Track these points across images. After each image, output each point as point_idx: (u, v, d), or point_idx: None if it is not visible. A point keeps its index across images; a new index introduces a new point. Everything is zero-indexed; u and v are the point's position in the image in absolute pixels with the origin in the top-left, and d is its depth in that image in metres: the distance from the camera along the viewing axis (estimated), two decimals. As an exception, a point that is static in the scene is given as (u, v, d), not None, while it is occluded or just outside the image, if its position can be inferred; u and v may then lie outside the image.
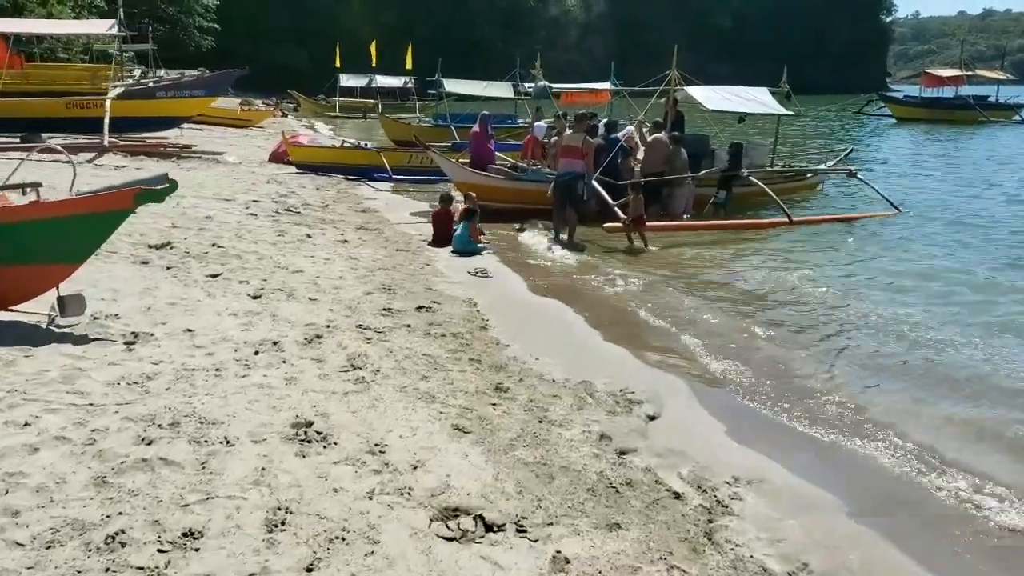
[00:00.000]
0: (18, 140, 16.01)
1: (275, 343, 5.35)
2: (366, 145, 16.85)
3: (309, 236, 9.46)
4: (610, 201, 10.72)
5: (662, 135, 12.70)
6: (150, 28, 25.01)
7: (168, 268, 7.20)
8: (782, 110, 14.06)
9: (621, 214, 10.30)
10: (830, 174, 15.03)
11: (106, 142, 14.78)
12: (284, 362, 5.00)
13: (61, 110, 16.41)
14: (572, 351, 5.90)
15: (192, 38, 62.45)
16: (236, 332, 5.52)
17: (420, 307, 6.66)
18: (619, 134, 12.49)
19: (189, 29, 62.04)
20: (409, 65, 42.49)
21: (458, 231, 9.47)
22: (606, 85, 21.87)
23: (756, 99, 13.77)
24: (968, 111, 41.34)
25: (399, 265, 8.39)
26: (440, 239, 9.86)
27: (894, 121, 43.27)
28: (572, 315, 7.02)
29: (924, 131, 36.67)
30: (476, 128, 13.43)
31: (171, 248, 7.98)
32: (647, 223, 10.30)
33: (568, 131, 10.45)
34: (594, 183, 11.06)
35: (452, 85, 28.69)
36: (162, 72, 24.59)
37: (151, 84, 17.30)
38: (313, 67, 64.81)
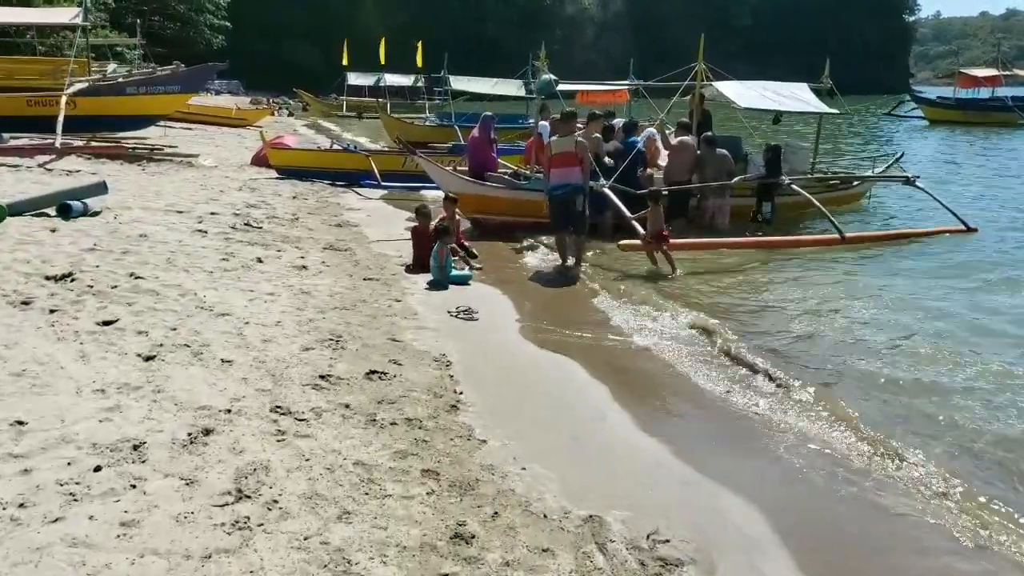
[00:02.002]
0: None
1: (137, 447, 3.63)
2: (355, 148, 15.16)
3: (260, 260, 7.75)
4: (627, 214, 8.94)
5: (689, 137, 10.91)
6: (138, 22, 23.45)
7: (52, 311, 5.50)
8: (825, 108, 12.23)
9: (640, 229, 8.51)
10: (882, 182, 13.12)
11: (58, 143, 13.15)
12: (134, 487, 3.29)
13: (22, 108, 14.85)
14: (580, 449, 4.13)
15: (202, 36, 61.53)
16: (88, 426, 3.81)
17: (372, 372, 4.91)
18: (639, 137, 10.69)
19: (200, 27, 61.16)
20: (419, 63, 40.78)
21: (433, 259, 7.71)
22: (624, 84, 20.13)
23: (795, 96, 11.94)
24: (1006, 113, 39.08)
25: (361, 302, 6.65)
26: (421, 262, 8.13)
27: (926, 123, 41.09)
28: (582, 380, 5.23)
29: (959, 134, 34.55)
30: (476, 132, 11.64)
31: (72, 280, 6.29)
32: (672, 240, 8.50)
33: (558, 137, 8.65)
34: (608, 192, 9.28)
35: (459, 82, 26.90)
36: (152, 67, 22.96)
37: (120, 79, 15.74)
38: (326, 66, 63.57)
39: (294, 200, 12.21)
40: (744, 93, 11.35)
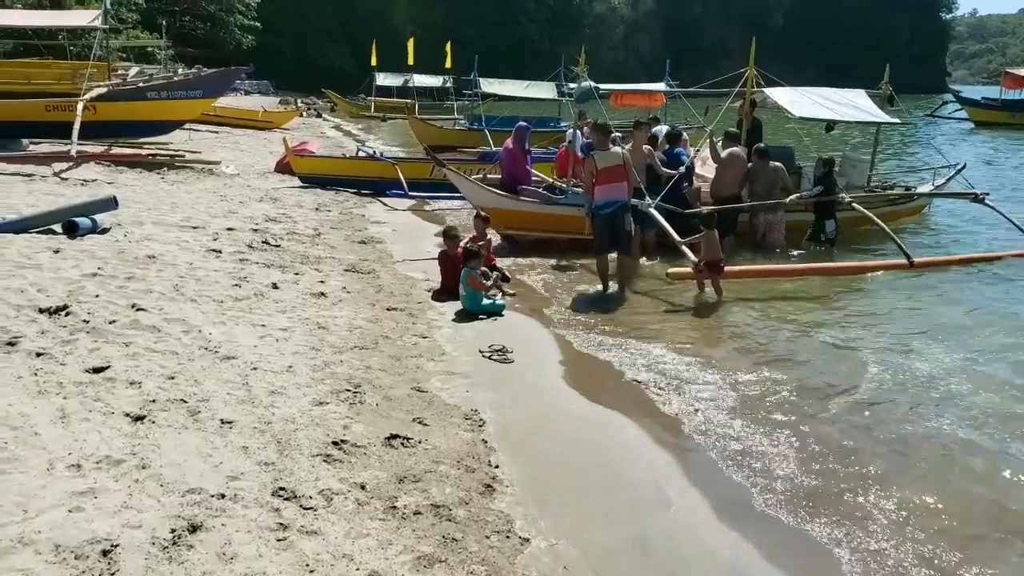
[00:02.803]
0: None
1: (107, 552, 2.98)
2: (381, 155, 14.55)
3: (275, 286, 7.11)
4: (676, 237, 8.17)
5: (738, 148, 10.11)
6: (163, 24, 23.08)
7: (38, 355, 4.89)
8: (885, 117, 11.35)
9: (692, 256, 7.75)
10: (943, 197, 12.18)
11: (74, 151, 12.67)
12: (93, 617, 2.63)
13: (40, 113, 14.43)
14: (643, 554, 3.40)
15: (232, 36, 61.70)
16: (54, 518, 3.17)
17: (393, 437, 4.23)
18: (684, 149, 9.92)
19: (230, 27, 61.33)
20: (449, 64, 40.19)
21: (462, 286, 7.02)
22: (660, 86, 19.33)
23: (852, 103, 11.07)
24: (1058, 115, 37.52)
25: (384, 339, 5.97)
26: (449, 289, 7.45)
27: (971, 126, 39.60)
28: (639, 446, 4.50)
29: (1007, 137, 33.12)
30: (509, 142, 10.92)
31: (66, 314, 5.68)
32: (727, 267, 7.72)
33: (608, 149, 7.77)
34: (654, 211, 8.52)
35: (489, 85, 26.32)
36: (181, 70, 22.56)
37: (141, 84, 15.28)
38: (355, 66, 63.48)
39: (316, 212, 11.61)
40: (799, 100, 10.52)
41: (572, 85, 25.19)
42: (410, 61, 41.13)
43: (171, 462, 3.71)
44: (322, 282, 7.51)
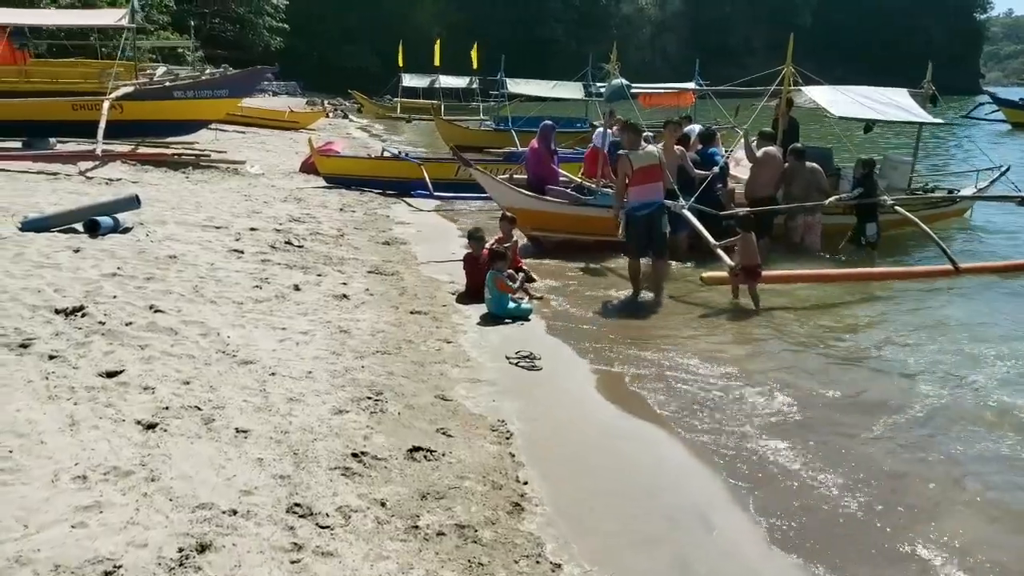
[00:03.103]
0: (20, 146, 14.20)
1: (107, 573, 2.78)
2: (406, 155, 14.38)
3: (297, 288, 6.93)
4: (711, 240, 7.87)
5: (774, 148, 9.78)
6: (192, 24, 23.19)
7: (51, 357, 4.74)
8: (928, 117, 10.92)
9: (728, 260, 7.44)
10: (988, 200, 11.72)
11: (99, 150, 12.62)
12: (90, 648, 2.43)
13: (67, 112, 14.43)
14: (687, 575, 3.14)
15: (261, 38, 62.24)
16: (56, 535, 2.99)
17: (416, 449, 4.00)
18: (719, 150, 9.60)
19: (259, 29, 61.88)
20: (475, 65, 40.07)
21: (488, 289, 6.78)
22: (690, 86, 19.01)
23: (894, 103, 10.66)
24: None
25: (407, 343, 5.76)
26: (474, 291, 7.22)
27: (1007, 127, 38.62)
28: (676, 459, 4.25)
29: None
30: (535, 142, 10.67)
31: (82, 316, 5.54)
32: (762, 271, 7.40)
33: (641, 149, 7.44)
34: (688, 214, 8.23)
35: (516, 85, 26.10)
36: (209, 70, 22.55)
37: (167, 83, 15.26)
38: (382, 67, 63.71)
39: (341, 213, 11.45)
40: (838, 100, 10.15)
41: (601, 85, 24.89)
42: (436, 62, 41.10)
43: (182, 474, 3.51)
44: (345, 284, 7.32)
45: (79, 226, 8.25)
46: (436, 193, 12.94)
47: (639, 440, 4.46)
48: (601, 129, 9.85)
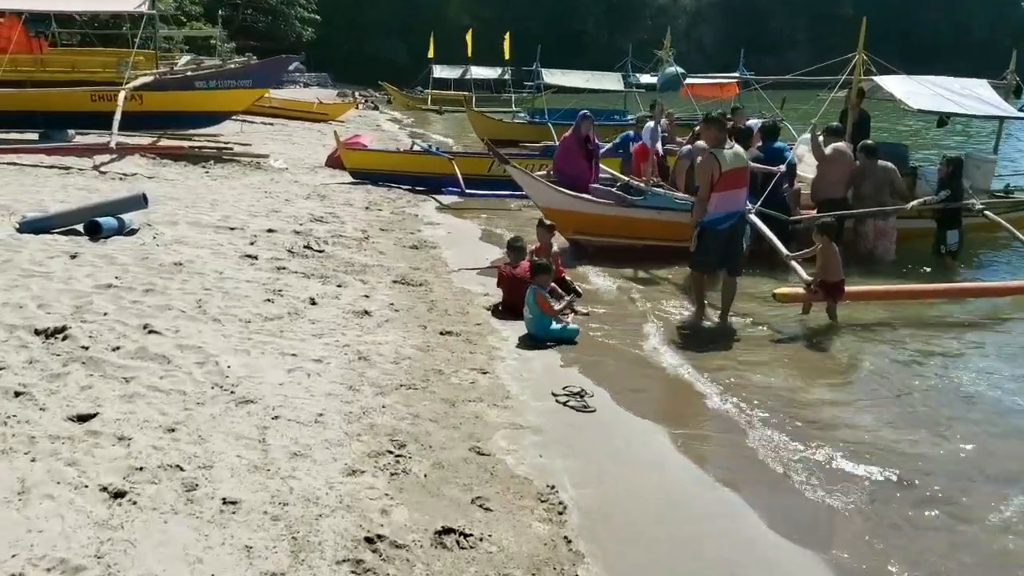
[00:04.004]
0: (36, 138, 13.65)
1: None
2: (436, 150, 13.56)
3: (313, 302, 6.14)
4: (784, 251, 6.92)
5: (844, 144, 8.78)
6: (220, 13, 22.56)
7: (17, 394, 4.00)
8: (1012, 111, 9.84)
9: (804, 274, 6.49)
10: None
11: (113, 143, 11.98)
12: None
13: (85, 103, 13.82)
14: None
15: (293, 29, 62.09)
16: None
17: (446, 531, 3.17)
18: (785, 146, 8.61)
19: (290, 20, 61.78)
20: (507, 55, 39.20)
21: (528, 308, 5.90)
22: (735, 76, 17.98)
23: (975, 95, 9.62)
24: None
25: (436, 374, 4.93)
26: (512, 307, 6.38)
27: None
28: (770, 544, 3.36)
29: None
30: (570, 133, 9.78)
31: (64, 338, 4.80)
32: (845, 288, 6.44)
33: (728, 148, 6.30)
34: (755, 219, 7.30)
35: (552, 76, 25.16)
36: (237, 59, 21.85)
37: (189, 73, 14.62)
38: (413, 58, 63.25)
39: (366, 212, 10.66)
40: (916, 91, 9.13)
41: (646, 76, 23.85)
42: (469, 53, 40.26)
43: (147, 573, 2.72)
44: (367, 296, 6.52)
45: (81, 227, 7.58)
46: (468, 191, 12.10)
47: (724, 516, 3.58)
48: (652, 124, 8.90)
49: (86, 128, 14.11)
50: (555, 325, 5.87)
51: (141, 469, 3.39)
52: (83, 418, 3.83)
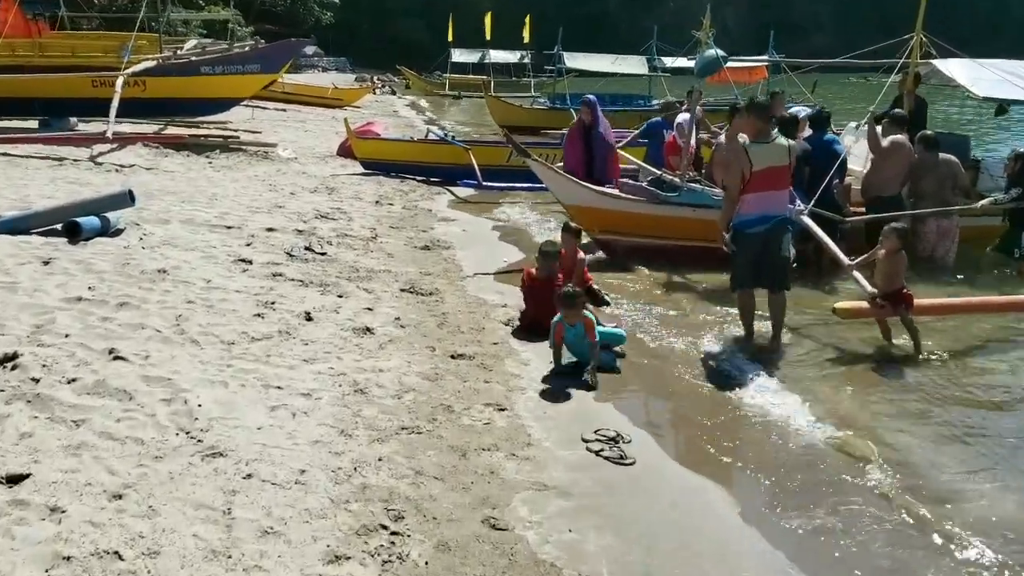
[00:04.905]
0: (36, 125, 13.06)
1: None
2: (453, 138, 12.79)
3: (309, 317, 5.43)
4: (844, 259, 6.09)
5: (902, 136, 7.90)
6: (233, -1, 21.98)
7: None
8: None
9: (867, 285, 5.68)
10: None
11: (110, 133, 11.34)
12: None
13: (86, 89, 13.20)
14: None
15: (312, 12, 61.59)
16: None
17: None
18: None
19: (309, 3, 61.31)
20: (527, 39, 38.28)
21: (572, 343, 5.02)
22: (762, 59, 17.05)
23: (1046, 80, 8.66)
24: None
25: (445, 410, 4.20)
26: (535, 322, 5.61)
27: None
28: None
29: None
30: (583, 113, 9.00)
31: (13, 368, 4.14)
32: (913, 298, 5.61)
33: (770, 140, 5.38)
34: (808, 220, 6.48)
35: (574, 60, 24.31)
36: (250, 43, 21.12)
37: (193, 58, 13.93)
38: (433, 42, 62.54)
39: (376, 207, 9.94)
40: (980, 76, 8.22)
41: (675, 59, 22.84)
42: (487, 35, 39.32)
43: None
44: (370, 309, 5.79)
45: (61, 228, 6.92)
46: (486, 183, 11.34)
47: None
48: (687, 115, 8.08)
49: (88, 116, 13.51)
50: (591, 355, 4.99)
51: (68, 559, 2.69)
52: (12, 480, 3.15)
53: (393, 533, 3.05)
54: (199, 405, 3.91)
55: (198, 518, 3.02)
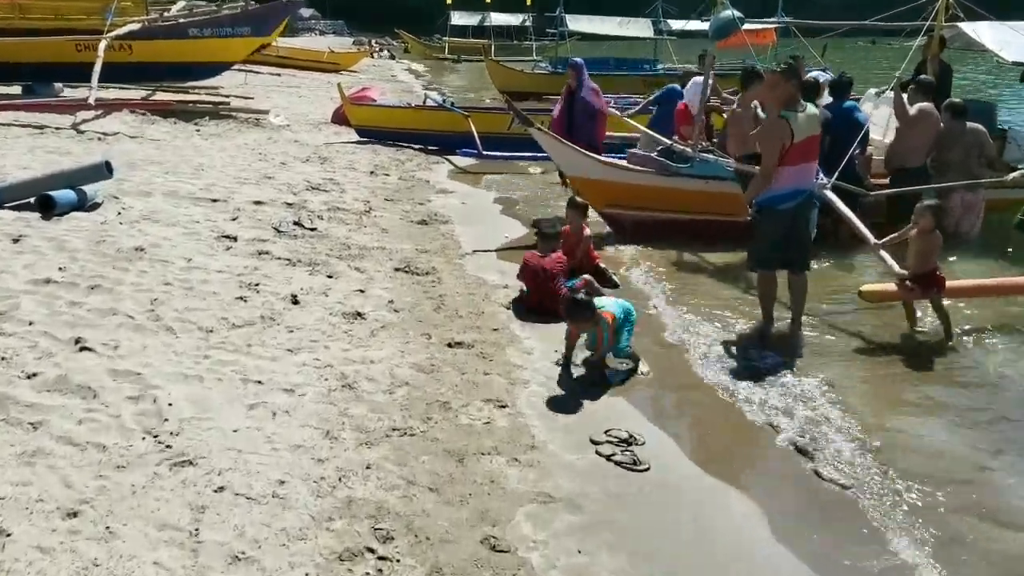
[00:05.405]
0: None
1: None
2: (452, 105, 12.30)
3: (295, 301, 5.06)
4: (871, 237, 5.69)
5: (929, 104, 7.45)
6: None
7: None
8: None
9: (896, 266, 5.29)
10: None
11: (92, 99, 10.85)
12: None
13: (70, 53, 12.62)
14: None
15: (307, -27, 60.33)
16: None
17: None
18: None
19: (306, -38, 60.00)
20: (529, 0, 37.40)
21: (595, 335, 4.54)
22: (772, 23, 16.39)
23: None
24: None
25: (441, 407, 3.85)
26: (538, 305, 5.24)
27: None
28: None
29: None
30: (569, 76, 8.73)
31: (-36, 361, 3.76)
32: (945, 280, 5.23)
33: (801, 109, 4.88)
34: (831, 195, 6.06)
35: (577, 22, 23.62)
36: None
37: (181, 20, 13.36)
38: (433, 4, 61.33)
39: (371, 177, 9.50)
40: (1010, 40, 7.74)
41: (672, 23, 22.21)
42: (487, -2, 38.48)
43: None
44: (362, 291, 5.41)
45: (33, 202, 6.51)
46: (486, 152, 10.87)
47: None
48: (700, 79, 7.62)
49: (73, 81, 12.99)
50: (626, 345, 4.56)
51: (2, 603, 2.35)
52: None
53: (380, 558, 2.71)
54: (169, 404, 3.56)
55: (161, 540, 2.68)
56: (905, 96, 7.34)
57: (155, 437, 3.30)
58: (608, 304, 4.54)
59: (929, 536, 3.09)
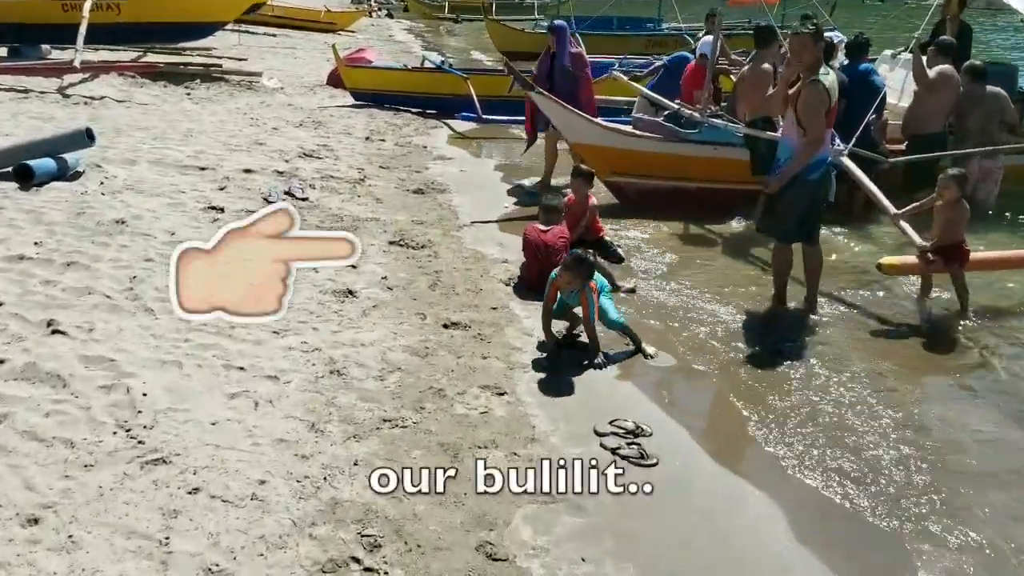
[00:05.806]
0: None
1: None
2: (450, 67, 11.88)
3: (283, 278, 4.79)
4: (890, 207, 5.41)
5: (948, 67, 7.10)
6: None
7: None
8: None
9: (917, 237, 5.02)
10: None
11: (77, 62, 10.48)
12: None
13: (57, 14, 12.22)
14: None
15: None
16: None
17: None
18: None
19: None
20: (531, -45, 36.36)
21: (601, 304, 4.31)
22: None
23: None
24: None
25: (435, 395, 3.62)
26: (536, 281, 4.98)
27: None
28: None
29: None
30: (549, 39, 8.16)
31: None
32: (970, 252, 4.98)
33: (824, 73, 4.53)
34: (848, 162, 5.75)
35: (578, -22, 22.81)
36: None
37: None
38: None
39: (366, 143, 9.17)
40: (1038, -4, 7.35)
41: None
42: (489, -46, 37.41)
43: None
44: (353, 267, 5.15)
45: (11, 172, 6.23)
46: (485, 116, 10.51)
47: None
48: (709, 37, 7.27)
49: (60, 43, 12.56)
50: (616, 315, 4.34)
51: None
52: None
53: (367, 569, 2.50)
54: (144, 394, 3.33)
55: (128, 551, 2.46)
56: (924, 59, 6.99)
57: (127, 431, 3.08)
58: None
59: (970, 541, 2.87)
